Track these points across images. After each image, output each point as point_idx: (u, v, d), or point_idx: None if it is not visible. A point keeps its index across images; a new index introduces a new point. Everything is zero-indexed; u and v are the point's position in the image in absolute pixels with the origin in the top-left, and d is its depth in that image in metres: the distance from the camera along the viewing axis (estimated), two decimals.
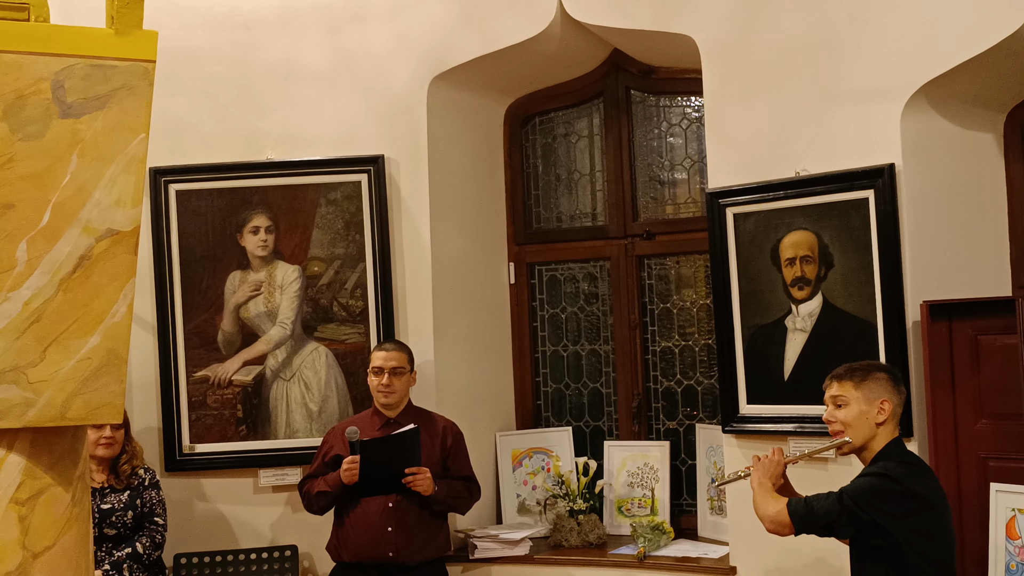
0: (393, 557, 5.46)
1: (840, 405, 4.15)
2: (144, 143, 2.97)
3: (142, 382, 6.18)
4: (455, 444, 5.73)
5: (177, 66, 6.07)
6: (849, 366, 4.24)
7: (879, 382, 4.14)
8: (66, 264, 2.92)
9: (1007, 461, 4.89)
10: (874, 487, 3.96)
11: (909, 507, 3.93)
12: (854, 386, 4.14)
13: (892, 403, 4.12)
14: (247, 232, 6.21)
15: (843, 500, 3.97)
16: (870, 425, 4.10)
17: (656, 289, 6.51)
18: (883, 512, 3.91)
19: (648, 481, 6.30)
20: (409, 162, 6.24)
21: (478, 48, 6.15)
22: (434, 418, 5.78)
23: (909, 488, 3.94)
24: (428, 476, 5.43)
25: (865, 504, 3.93)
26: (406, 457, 5.40)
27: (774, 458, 4.33)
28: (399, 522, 5.47)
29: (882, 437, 4.11)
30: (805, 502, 4.08)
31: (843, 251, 5.20)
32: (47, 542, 3.07)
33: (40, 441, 3.05)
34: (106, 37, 2.91)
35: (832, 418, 4.17)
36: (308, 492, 5.63)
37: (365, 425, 5.62)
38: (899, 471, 3.98)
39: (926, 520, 3.95)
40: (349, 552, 5.53)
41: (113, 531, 5.51)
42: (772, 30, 5.41)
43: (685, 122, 6.44)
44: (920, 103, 5.05)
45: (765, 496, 4.20)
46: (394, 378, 5.61)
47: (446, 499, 5.57)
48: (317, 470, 5.67)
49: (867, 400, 4.10)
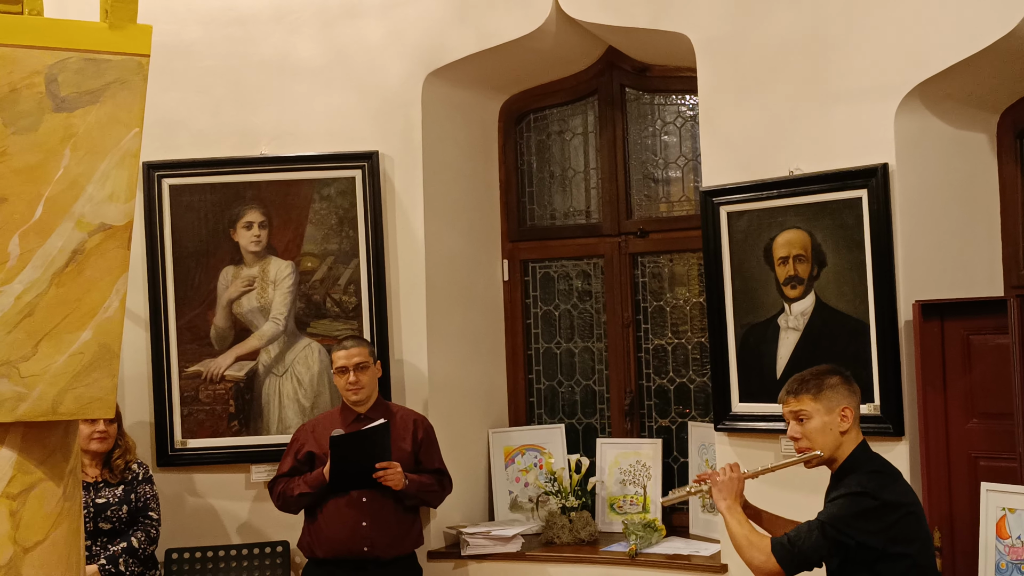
0: (368, 552, 5.46)
1: (802, 419, 4.05)
2: (138, 137, 2.97)
3: (134, 377, 6.18)
4: (426, 437, 5.73)
5: (171, 61, 6.06)
6: (800, 378, 4.13)
7: (835, 389, 4.05)
8: (59, 258, 2.92)
9: (998, 460, 4.90)
10: (853, 509, 3.88)
11: (891, 518, 3.87)
12: (812, 398, 4.04)
13: (852, 408, 4.04)
14: (240, 227, 6.20)
15: (826, 531, 3.87)
16: (835, 435, 4.02)
17: (649, 287, 6.51)
18: (868, 532, 3.85)
19: (640, 479, 6.31)
20: (403, 158, 6.24)
21: (473, 45, 6.15)
22: (403, 412, 5.80)
23: (887, 500, 3.87)
24: (399, 470, 5.44)
25: (848, 529, 3.85)
26: (377, 452, 5.41)
27: (733, 475, 4.23)
28: (373, 517, 5.48)
29: (848, 444, 4.03)
30: (789, 542, 3.94)
31: (836, 250, 5.20)
32: (38, 536, 3.07)
33: (32, 435, 3.04)
34: (100, 31, 2.91)
35: (797, 434, 4.07)
36: (284, 493, 5.61)
37: (335, 423, 5.62)
38: (872, 484, 3.90)
39: (908, 526, 3.90)
40: (322, 548, 5.52)
41: (108, 525, 5.50)
42: (767, 29, 5.41)
43: (679, 120, 6.44)
44: (914, 103, 5.06)
45: (741, 531, 4.07)
46: (360, 374, 5.61)
47: (417, 493, 5.58)
48: (290, 469, 5.67)
49: (828, 410, 4.02)
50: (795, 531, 3.98)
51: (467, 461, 6.45)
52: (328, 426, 5.59)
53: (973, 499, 4.84)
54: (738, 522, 4.11)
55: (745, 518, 4.14)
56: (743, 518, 4.13)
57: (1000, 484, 4.70)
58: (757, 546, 4.00)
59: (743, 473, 4.27)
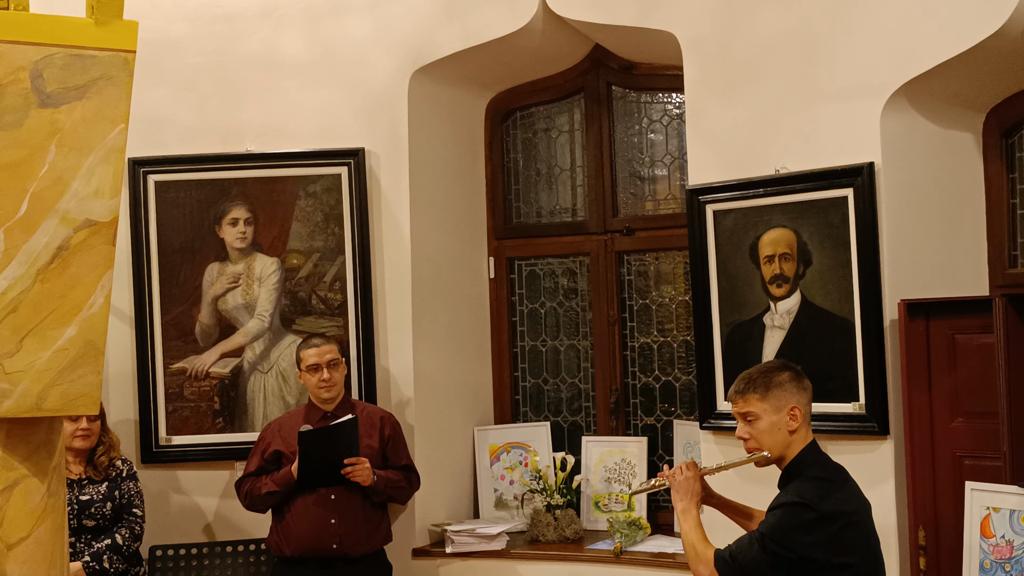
0: (337, 549, 5.47)
1: (750, 420, 3.98)
2: (123, 134, 2.97)
3: (119, 373, 6.16)
4: (393, 434, 5.75)
5: (157, 57, 6.04)
6: (747, 376, 4.05)
7: (783, 387, 3.97)
8: (43, 254, 2.92)
9: (982, 460, 4.91)
10: (791, 522, 3.80)
11: (830, 530, 3.78)
12: (759, 398, 3.96)
13: (801, 407, 3.96)
14: (226, 224, 6.19)
15: (766, 545, 3.80)
16: (783, 435, 3.94)
17: (635, 285, 6.51)
18: (806, 544, 3.77)
19: (625, 477, 6.31)
20: (389, 155, 6.23)
21: (459, 42, 6.14)
22: (370, 409, 5.81)
23: (825, 512, 3.78)
24: (367, 466, 5.45)
25: (787, 542, 3.78)
26: (345, 448, 5.42)
27: (688, 473, 4.15)
28: (342, 514, 5.49)
29: (796, 444, 3.95)
30: (731, 557, 3.88)
31: (822, 249, 5.21)
32: (22, 533, 3.07)
33: (16, 432, 3.04)
34: (86, 27, 2.91)
35: (745, 435, 4.01)
36: (251, 492, 5.61)
37: (301, 421, 5.62)
38: (812, 493, 3.81)
39: (848, 537, 3.81)
40: (291, 546, 5.52)
41: (92, 522, 5.49)
42: (753, 27, 5.42)
43: (666, 118, 6.45)
44: (900, 102, 5.07)
45: (690, 539, 4.02)
46: (333, 371, 5.62)
47: (385, 489, 5.59)
48: (257, 468, 5.66)
49: (776, 410, 3.94)
50: (736, 544, 3.92)
51: (452, 459, 6.45)
52: (295, 425, 5.58)
53: (958, 498, 4.85)
54: (690, 527, 4.04)
55: (697, 523, 4.06)
56: (695, 523, 4.05)
57: (985, 483, 4.72)
58: (702, 558, 3.94)
59: (699, 471, 4.20)
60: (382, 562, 5.72)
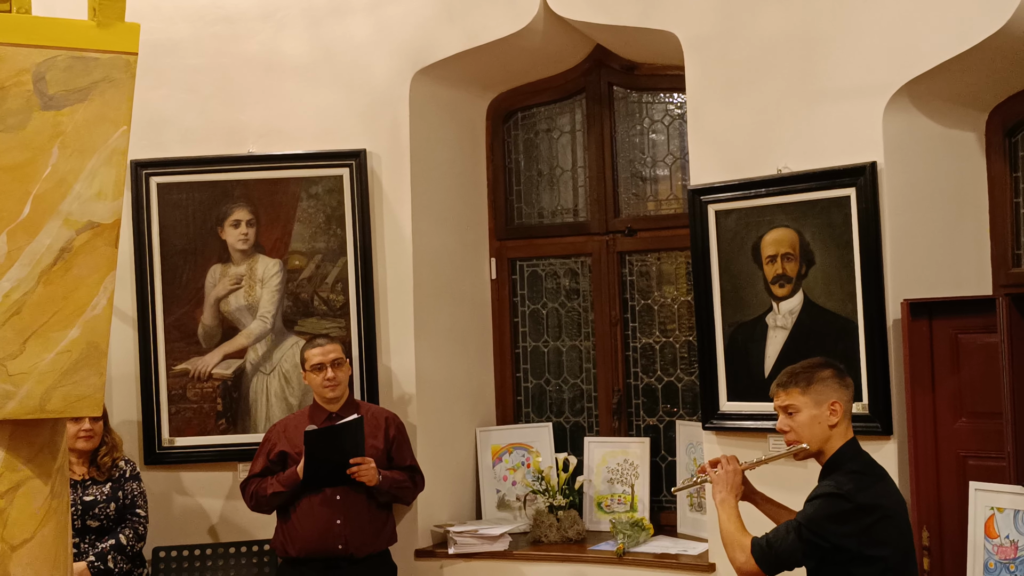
0: (342, 550, 5.47)
1: (791, 413, 4.06)
2: (125, 136, 2.97)
3: (122, 375, 6.17)
4: (398, 434, 5.75)
5: (158, 59, 6.04)
6: (791, 371, 4.14)
7: (825, 383, 4.05)
8: (46, 256, 2.92)
9: (986, 460, 4.90)
10: (827, 511, 3.88)
11: (865, 521, 3.85)
12: (801, 392, 4.04)
13: (842, 403, 4.03)
14: (228, 225, 6.19)
15: (802, 533, 3.88)
16: (823, 428, 4.01)
17: (637, 285, 6.51)
18: (841, 535, 3.84)
19: (628, 477, 6.31)
20: (391, 156, 6.23)
21: (460, 43, 6.14)
22: (375, 410, 5.82)
23: (861, 503, 3.86)
24: (373, 466, 5.45)
25: (823, 531, 3.86)
26: (350, 448, 5.42)
27: (729, 467, 4.23)
28: (348, 514, 5.49)
29: (836, 439, 4.03)
30: (768, 544, 3.96)
31: (824, 249, 5.21)
32: (25, 535, 3.07)
33: (19, 434, 3.04)
34: (88, 29, 2.91)
35: (785, 427, 4.08)
36: (257, 493, 5.61)
37: (306, 422, 5.63)
38: (849, 486, 3.89)
39: (883, 530, 3.88)
40: (296, 547, 5.52)
41: (96, 523, 5.50)
42: (755, 27, 5.42)
43: (667, 119, 6.44)
44: (902, 101, 5.07)
45: (728, 527, 4.09)
46: (337, 370, 5.63)
47: (390, 489, 5.59)
48: (262, 469, 5.66)
49: (816, 404, 4.02)
50: (774, 532, 3.99)
51: (454, 460, 6.45)
52: (300, 426, 5.59)
53: (961, 498, 4.84)
54: (728, 518, 4.12)
55: (736, 514, 4.13)
56: (734, 514, 4.12)
57: (989, 483, 4.72)
58: (740, 545, 4.01)
59: (740, 465, 4.27)
60: (387, 563, 5.71)
